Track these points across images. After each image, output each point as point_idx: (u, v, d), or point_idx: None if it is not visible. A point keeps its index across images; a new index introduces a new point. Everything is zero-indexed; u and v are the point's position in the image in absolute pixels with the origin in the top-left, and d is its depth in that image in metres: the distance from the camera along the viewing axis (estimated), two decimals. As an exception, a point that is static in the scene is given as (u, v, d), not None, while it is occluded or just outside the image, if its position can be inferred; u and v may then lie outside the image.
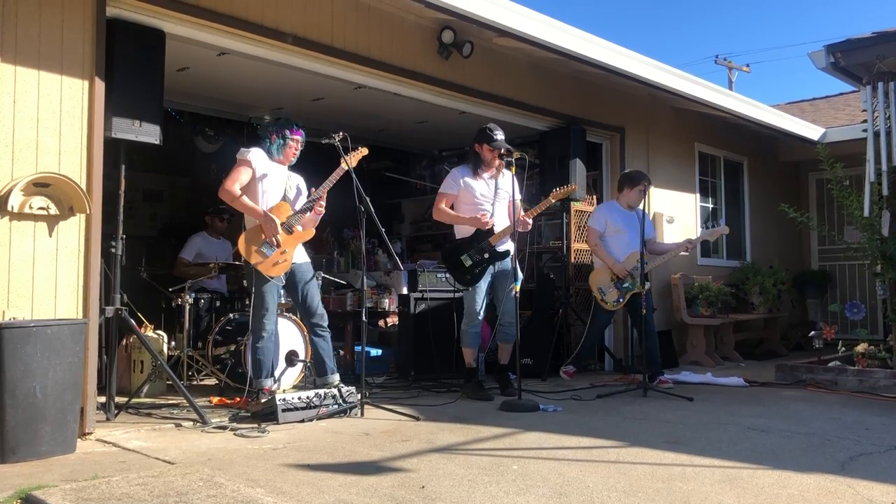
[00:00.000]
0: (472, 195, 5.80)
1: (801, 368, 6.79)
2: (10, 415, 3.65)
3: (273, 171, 5.16)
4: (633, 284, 6.53)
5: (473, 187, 5.80)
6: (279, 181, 5.18)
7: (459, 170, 5.92)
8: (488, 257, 5.68)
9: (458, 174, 5.87)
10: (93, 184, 4.36)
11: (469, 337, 5.80)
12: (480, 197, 5.80)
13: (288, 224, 5.03)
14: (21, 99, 4.11)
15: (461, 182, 5.82)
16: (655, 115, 8.67)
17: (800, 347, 9.75)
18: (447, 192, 5.85)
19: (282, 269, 5.02)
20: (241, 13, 5.11)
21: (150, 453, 3.86)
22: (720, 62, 23.34)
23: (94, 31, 4.39)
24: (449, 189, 5.85)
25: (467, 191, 5.80)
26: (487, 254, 5.68)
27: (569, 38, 6.50)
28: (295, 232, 5.06)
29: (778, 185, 10.88)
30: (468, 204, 5.81)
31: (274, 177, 5.15)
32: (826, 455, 3.91)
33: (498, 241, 5.71)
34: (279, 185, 5.17)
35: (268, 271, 4.97)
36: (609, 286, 6.63)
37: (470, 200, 5.81)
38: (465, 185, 5.80)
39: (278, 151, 5.19)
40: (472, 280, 5.71)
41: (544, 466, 3.64)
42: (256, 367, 5.06)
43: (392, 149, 9.55)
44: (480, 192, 5.80)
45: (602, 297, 6.67)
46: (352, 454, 3.87)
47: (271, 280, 4.99)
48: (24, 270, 4.09)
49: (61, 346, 3.82)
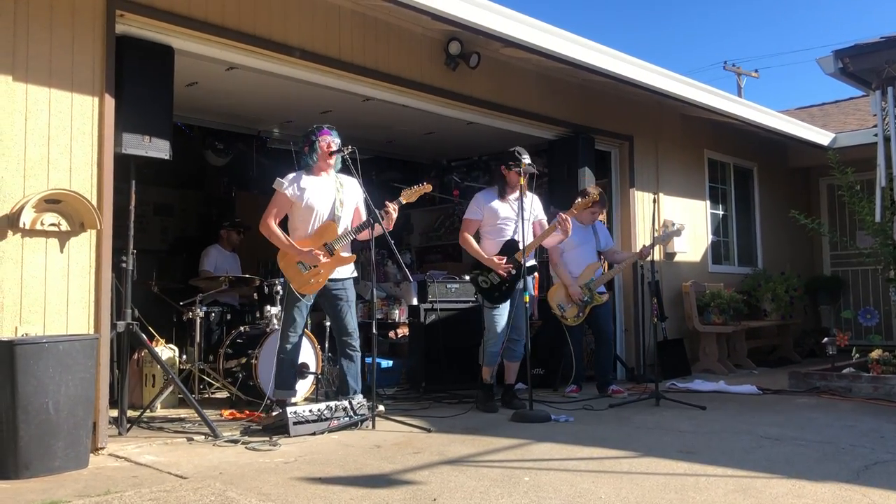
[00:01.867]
0: (496, 217, 5.83)
1: (815, 376, 6.74)
2: (24, 430, 3.66)
3: (317, 188, 5.05)
4: (591, 297, 6.53)
5: (497, 210, 5.83)
6: (327, 195, 5.07)
7: (483, 194, 5.96)
8: (516, 274, 5.66)
9: (482, 199, 5.90)
10: (103, 200, 4.39)
11: (490, 356, 5.75)
12: (504, 219, 5.82)
13: (330, 246, 5.00)
14: (32, 116, 4.15)
15: (484, 207, 5.85)
16: (664, 123, 8.66)
17: (813, 354, 9.67)
18: (471, 218, 5.90)
19: (313, 288, 5.00)
20: (249, 28, 5.14)
21: (162, 468, 3.86)
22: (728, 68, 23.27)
23: (104, 49, 4.43)
24: (472, 215, 5.90)
25: (491, 214, 5.84)
26: (515, 270, 5.65)
27: (576, 48, 6.51)
28: (336, 255, 5.02)
29: (788, 191, 10.83)
30: (492, 227, 5.85)
31: (320, 193, 5.04)
32: (841, 463, 3.88)
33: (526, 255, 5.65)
34: (327, 199, 5.06)
35: (299, 288, 4.98)
36: (568, 302, 6.57)
37: (493, 224, 5.84)
38: (489, 210, 5.84)
39: (315, 160, 5.10)
40: (501, 297, 5.69)
41: (556, 478, 3.63)
42: (276, 376, 5.11)
43: (400, 160, 9.58)
44: (504, 215, 5.82)
45: (562, 313, 6.57)
46: (363, 467, 3.86)
47: (302, 298, 5.00)
48: (36, 286, 4.12)
49: (73, 361, 3.84)
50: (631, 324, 7.92)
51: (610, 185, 8.26)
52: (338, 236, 5.01)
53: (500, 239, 5.79)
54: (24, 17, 4.13)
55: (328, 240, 4.99)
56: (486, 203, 5.86)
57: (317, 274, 4.97)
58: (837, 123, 10.98)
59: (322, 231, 5.02)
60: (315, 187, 5.05)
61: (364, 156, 5.21)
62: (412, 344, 7.14)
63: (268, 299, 6.32)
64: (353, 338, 5.14)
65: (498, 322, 5.66)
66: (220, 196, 9.97)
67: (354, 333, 5.15)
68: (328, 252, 4.97)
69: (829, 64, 7.30)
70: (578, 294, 6.51)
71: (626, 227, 8.14)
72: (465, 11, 5.59)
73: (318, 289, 5.02)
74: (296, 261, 4.97)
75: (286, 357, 5.07)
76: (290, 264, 4.99)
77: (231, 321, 6.71)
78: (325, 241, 4.98)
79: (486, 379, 5.78)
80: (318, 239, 5.00)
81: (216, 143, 8.58)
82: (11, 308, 4.02)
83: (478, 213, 5.87)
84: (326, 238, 5.00)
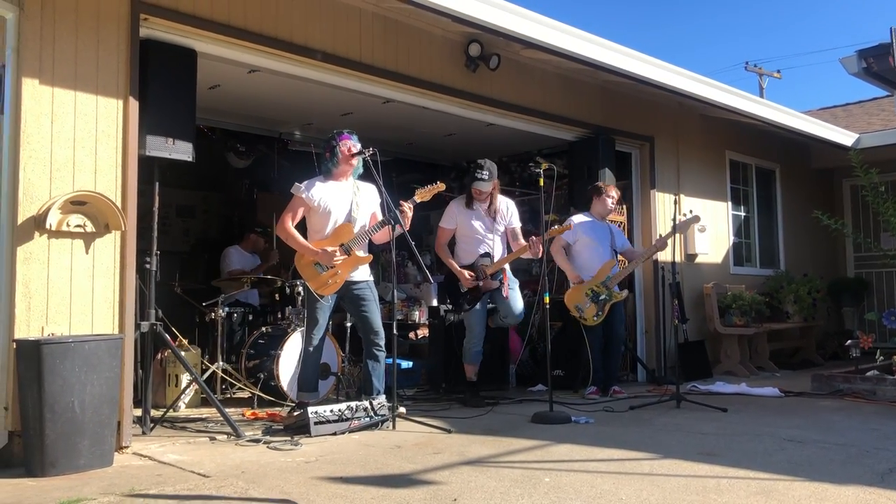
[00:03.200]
0: (469, 226, 6.06)
1: (838, 378, 6.68)
2: (50, 429, 3.72)
3: (335, 193, 5.10)
4: (610, 295, 6.50)
5: (470, 219, 6.06)
6: (344, 199, 5.12)
7: (455, 203, 6.17)
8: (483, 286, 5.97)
9: (454, 207, 6.13)
10: (128, 201, 4.44)
11: (471, 354, 6.07)
12: (478, 228, 6.05)
13: (346, 247, 5.03)
14: (58, 119, 4.21)
15: (456, 216, 6.09)
16: (685, 124, 8.62)
17: (836, 357, 9.58)
18: (443, 226, 6.15)
19: (331, 289, 5.03)
20: (271, 31, 5.19)
21: (185, 466, 3.90)
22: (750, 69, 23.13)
23: (129, 52, 4.49)
24: (445, 224, 6.15)
25: (463, 223, 6.08)
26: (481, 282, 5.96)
27: (596, 49, 6.50)
28: (353, 255, 5.06)
29: (811, 192, 10.74)
30: (466, 236, 6.08)
31: (337, 198, 5.10)
32: (864, 467, 3.84)
33: (494, 270, 5.97)
34: (344, 203, 5.12)
35: (318, 289, 5.02)
36: (585, 302, 6.50)
37: (467, 233, 6.07)
38: (461, 218, 6.08)
39: (336, 165, 5.14)
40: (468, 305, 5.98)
41: (577, 479, 3.62)
42: (299, 378, 5.18)
43: (420, 161, 9.59)
44: (477, 225, 6.04)
45: (580, 314, 6.51)
46: (384, 467, 3.88)
47: (321, 299, 5.04)
48: (62, 287, 4.18)
49: (98, 361, 3.89)
50: (651, 325, 7.89)
51: (630, 186, 8.23)
52: (354, 236, 5.05)
53: (472, 250, 6.05)
54: (51, 21, 4.20)
55: (344, 240, 5.03)
56: (458, 213, 6.10)
57: (334, 275, 5.01)
58: (861, 124, 10.87)
59: (338, 232, 5.06)
60: (332, 192, 5.10)
61: (384, 158, 5.24)
62: (432, 345, 7.15)
63: (289, 300, 6.36)
64: (380, 337, 5.15)
65: (475, 321, 5.98)
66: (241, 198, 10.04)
67: (380, 332, 5.16)
68: (345, 252, 5.01)
69: (852, 64, 7.24)
70: (577, 278, 6.53)
71: (647, 228, 8.11)
72: (485, 13, 5.60)
73: (336, 289, 5.05)
74: (312, 262, 5.01)
75: (309, 359, 5.11)
76: (308, 266, 5.03)
77: (253, 322, 6.76)
78: (341, 242, 5.02)
79: (470, 377, 6.10)
80: (335, 240, 5.04)
81: (238, 146, 8.64)
82: (38, 308, 4.07)
83: (450, 223, 6.12)
84: (343, 239, 5.03)
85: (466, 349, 6.08)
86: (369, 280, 5.24)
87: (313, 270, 5.02)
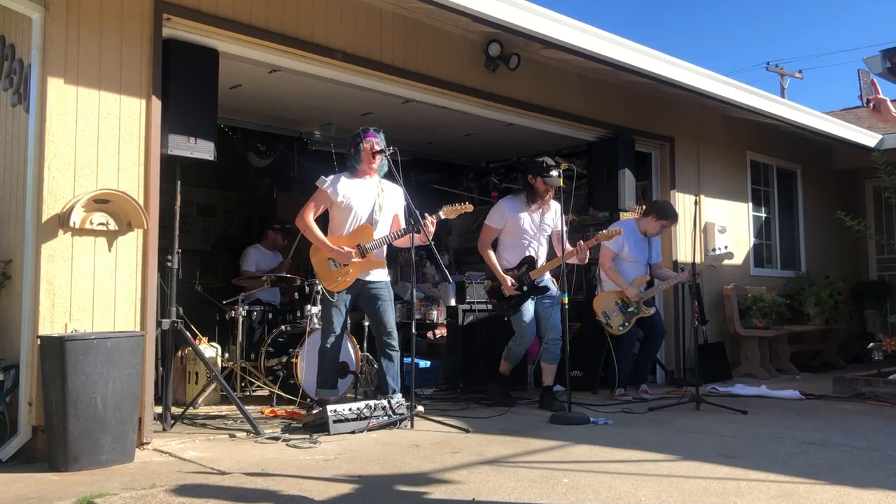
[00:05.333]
0: (518, 227, 5.86)
1: (860, 381, 6.61)
2: (73, 424, 3.76)
3: (359, 190, 5.13)
4: (638, 308, 6.44)
5: (519, 220, 5.87)
6: (367, 198, 5.15)
7: (507, 202, 5.97)
8: (527, 290, 5.77)
9: (505, 206, 5.93)
10: (150, 200, 4.48)
11: (513, 355, 5.94)
12: (527, 229, 5.88)
13: (363, 248, 5.04)
14: (82, 118, 4.26)
15: (507, 215, 5.88)
16: (705, 124, 8.57)
17: (858, 360, 9.48)
18: (492, 226, 5.94)
19: (340, 286, 5.05)
20: (292, 31, 5.21)
21: (205, 463, 3.93)
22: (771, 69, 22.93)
23: (151, 52, 4.53)
24: (493, 223, 5.93)
25: (513, 224, 5.87)
26: (526, 287, 5.77)
27: (617, 49, 6.47)
28: (367, 257, 5.07)
29: (833, 194, 10.63)
30: (513, 237, 5.89)
31: (361, 195, 5.13)
32: (887, 471, 3.80)
33: (539, 275, 5.80)
34: (367, 202, 5.14)
35: (327, 285, 5.05)
36: (614, 310, 6.45)
37: (515, 233, 5.88)
38: (512, 219, 5.87)
39: (359, 161, 5.17)
40: (510, 310, 5.81)
41: (595, 480, 3.62)
42: (318, 376, 5.21)
43: (439, 161, 9.60)
44: (527, 224, 5.87)
45: (607, 321, 6.46)
46: (402, 466, 3.89)
47: (330, 295, 5.06)
48: (86, 284, 4.22)
49: (120, 357, 3.93)
50: (671, 327, 7.83)
51: (651, 186, 8.20)
52: (373, 240, 5.07)
53: (519, 251, 5.86)
54: (76, 22, 4.25)
55: (362, 241, 5.05)
56: (511, 212, 5.88)
57: (345, 273, 5.03)
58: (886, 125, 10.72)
59: (358, 232, 5.08)
60: (356, 189, 5.12)
61: (404, 157, 5.26)
62: (450, 345, 7.16)
63: (308, 299, 6.39)
64: (392, 337, 5.17)
65: (524, 322, 5.76)
66: (261, 197, 10.11)
67: (393, 332, 5.18)
68: (360, 253, 5.03)
69: (876, 63, 7.17)
70: (635, 295, 6.42)
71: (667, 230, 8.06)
72: (505, 13, 5.59)
73: (345, 287, 5.07)
74: (327, 257, 5.03)
75: (327, 355, 5.13)
76: (322, 260, 5.07)
77: (272, 320, 6.79)
78: (358, 243, 5.04)
79: (504, 371, 5.98)
80: (353, 239, 5.06)
81: (258, 145, 8.69)
82: (62, 305, 4.12)
83: (499, 222, 5.90)
84: (361, 240, 5.05)
85: (511, 350, 5.92)
86: (386, 280, 5.26)
87: (326, 266, 5.05)
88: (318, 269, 5.11)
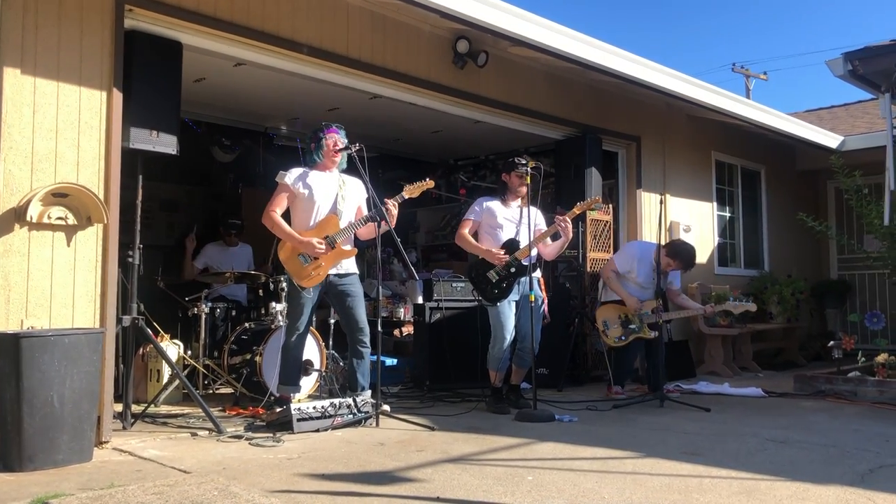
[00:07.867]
0: (494, 218, 5.76)
1: (821, 379, 6.72)
2: (28, 423, 3.67)
3: (320, 183, 5.09)
4: (640, 328, 6.41)
5: (496, 211, 5.78)
6: (329, 191, 5.11)
7: (484, 198, 5.95)
8: (514, 271, 5.61)
9: (482, 200, 5.89)
10: (110, 194, 4.39)
11: (496, 361, 5.63)
12: (503, 220, 5.75)
13: (331, 239, 5.00)
14: (40, 110, 4.16)
15: (484, 207, 5.82)
16: (671, 124, 8.65)
17: (819, 358, 9.63)
18: (469, 217, 5.86)
19: (314, 281, 5.00)
20: (257, 24, 5.15)
21: (165, 462, 3.87)
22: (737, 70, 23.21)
23: (113, 43, 4.44)
24: (471, 215, 5.86)
25: (490, 215, 5.79)
26: (514, 268, 5.61)
27: (585, 48, 6.50)
28: (337, 248, 5.03)
29: (796, 194, 10.79)
30: (491, 227, 5.79)
31: (322, 188, 5.09)
32: (845, 467, 3.86)
33: (525, 255, 5.60)
34: (329, 194, 5.10)
35: (300, 281, 4.98)
36: (615, 322, 6.44)
37: (493, 223, 5.78)
38: (488, 210, 5.80)
39: (320, 157, 5.14)
40: (499, 295, 5.58)
41: (559, 477, 3.62)
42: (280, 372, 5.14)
43: (407, 158, 9.57)
44: (504, 217, 5.76)
45: (604, 329, 6.46)
46: (366, 464, 3.86)
47: (303, 291, 5.00)
48: (43, 280, 4.13)
49: (78, 355, 3.84)
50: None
51: (617, 185, 8.26)
52: (340, 229, 5.03)
53: (497, 240, 5.72)
54: (33, 10, 4.14)
55: (330, 232, 5.00)
56: (489, 205, 5.81)
57: (318, 266, 4.98)
58: (846, 126, 10.93)
59: (324, 224, 5.03)
60: (317, 181, 5.09)
61: (371, 154, 5.23)
62: (417, 342, 7.12)
63: (273, 296, 6.31)
64: (364, 333, 5.12)
65: (502, 324, 5.55)
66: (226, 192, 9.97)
67: (365, 329, 5.13)
68: (329, 245, 4.98)
69: (838, 66, 7.29)
70: (637, 306, 6.35)
71: (633, 228, 8.14)
72: (473, 10, 5.58)
73: (319, 282, 5.01)
74: (297, 253, 4.98)
75: (291, 353, 5.08)
76: (292, 257, 5.00)
77: (236, 317, 6.71)
78: (326, 234, 4.99)
79: (495, 383, 5.69)
80: (320, 231, 5.01)
81: (223, 140, 8.58)
82: (17, 301, 4.02)
83: (476, 215, 5.83)
84: (328, 231, 5.00)
85: (493, 356, 5.63)
86: (356, 274, 5.21)
87: (297, 261, 4.99)
88: (288, 267, 5.02)
